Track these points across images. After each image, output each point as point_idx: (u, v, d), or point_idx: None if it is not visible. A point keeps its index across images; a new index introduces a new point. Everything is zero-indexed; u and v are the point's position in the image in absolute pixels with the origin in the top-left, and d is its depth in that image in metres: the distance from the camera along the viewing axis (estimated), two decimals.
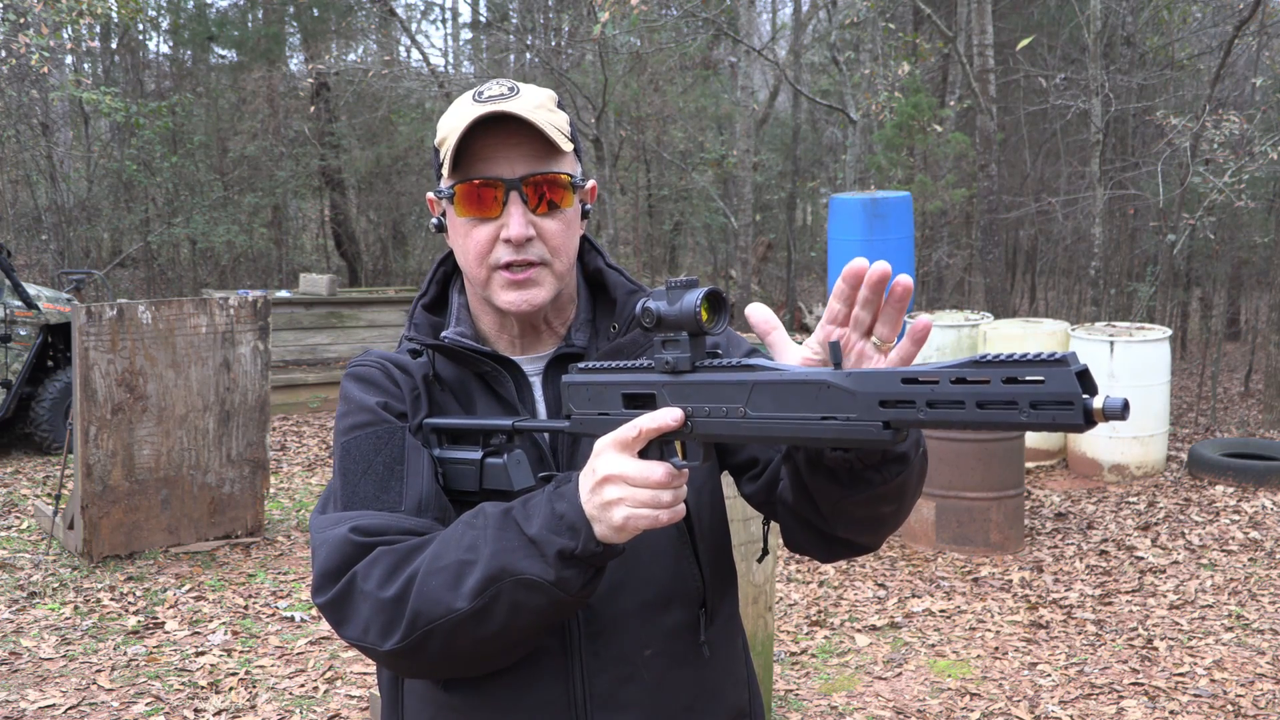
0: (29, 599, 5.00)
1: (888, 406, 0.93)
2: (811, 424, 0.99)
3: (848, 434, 0.96)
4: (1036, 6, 14.86)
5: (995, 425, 0.88)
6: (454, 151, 1.25)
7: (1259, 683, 4.22)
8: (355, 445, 1.27)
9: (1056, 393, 0.84)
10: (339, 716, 3.95)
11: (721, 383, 1.06)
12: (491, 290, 1.30)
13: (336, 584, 1.19)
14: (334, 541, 1.20)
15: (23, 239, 13.95)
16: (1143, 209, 12.01)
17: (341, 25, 15.76)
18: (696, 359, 1.09)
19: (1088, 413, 0.83)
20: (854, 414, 0.95)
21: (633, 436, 1.07)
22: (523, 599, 1.11)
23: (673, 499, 1.08)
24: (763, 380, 1.02)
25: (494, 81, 1.31)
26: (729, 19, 12.25)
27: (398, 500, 1.24)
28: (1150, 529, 6.19)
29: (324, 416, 9.59)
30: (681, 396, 1.09)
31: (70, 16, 9.51)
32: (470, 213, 1.27)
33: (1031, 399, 0.85)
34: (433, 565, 1.15)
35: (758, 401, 1.03)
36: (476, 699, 1.28)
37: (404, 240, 15.90)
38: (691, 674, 1.33)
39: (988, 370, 0.87)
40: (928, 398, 0.90)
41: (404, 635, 1.15)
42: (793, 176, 16.75)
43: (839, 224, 8.73)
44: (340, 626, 1.20)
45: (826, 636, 4.72)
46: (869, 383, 0.94)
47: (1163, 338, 7.37)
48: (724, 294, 1.11)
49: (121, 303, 5.52)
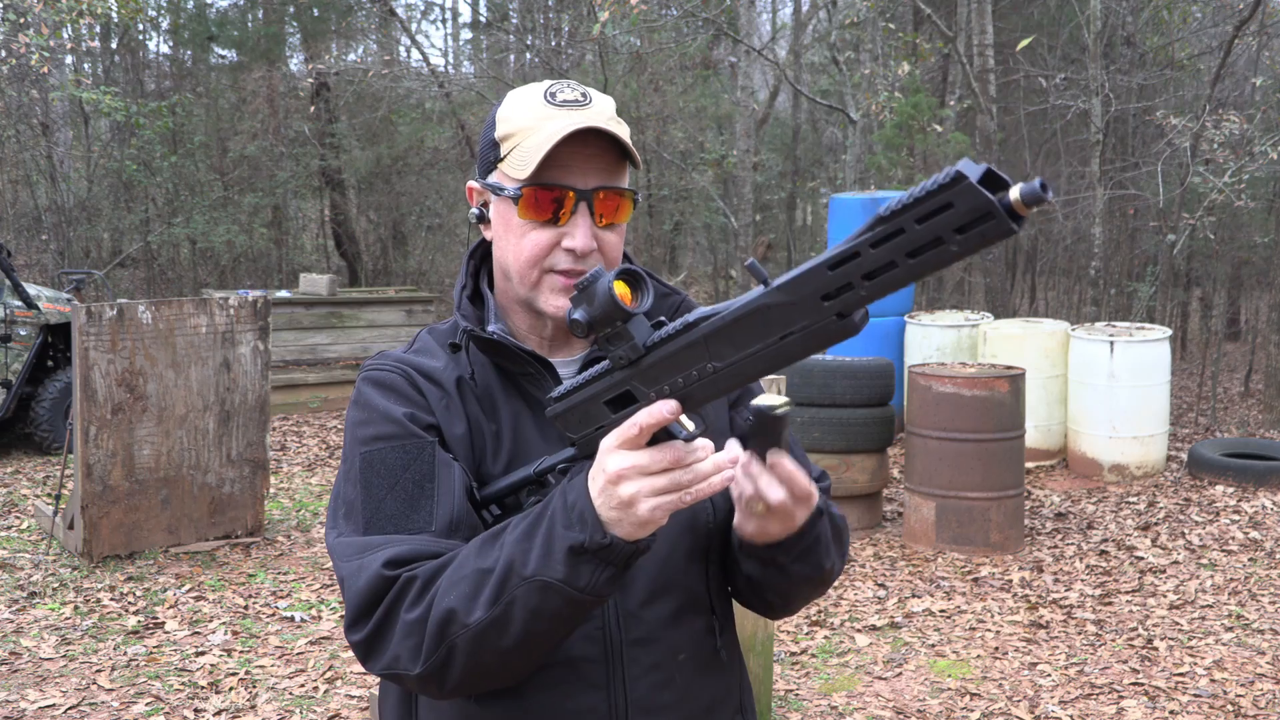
0: (29, 599, 5.00)
1: (831, 298, 0.93)
2: (774, 349, 0.98)
3: (811, 343, 0.96)
4: (1036, 6, 14.85)
5: (934, 268, 0.86)
6: (543, 157, 1.22)
7: (1259, 683, 4.22)
8: (380, 459, 1.23)
9: (972, 209, 0.82)
10: (339, 716, 3.95)
11: (678, 350, 1.04)
12: (539, 293, 1.28)
13: (370, 620, 1.16)
14: (367, 578, 1.16)
15: (23, 239, 13.94)
16: (1143, 209, 12.01)
17: (341, 25, 15.74)
18: (644, 340, 1.06)
19: (1011, 212, 0.81)
20: (806, 321, 0.95)
21: (634, 435, 1.04)
22: (538, 603, 1.08)
23: (692, 477, 1.04)
24: (711, 330, 1.01)
25: (564, 84, 1.29)
26: (729, 19, 12.25)
27: (428, 521, 1.20)
28: (1150, 529, 6.19)
29: (324, 417, 9.58)
30: (651, 381, 1.07)
31: (70, 16, 9.51)
32: (535, 216, 1.25)
33: (954, 227, 0.83)
34: (453, 578, 1.13)
35: (718, 351, 1.01)
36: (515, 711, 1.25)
37: (404, 240, 15.89)
38: (713, 677, 1.35)
39: (898, 221, 0.86)
40: (862, 272, 0.90)
41: (429, 653, 1.12)
42: (793, 176, 16.75)
43: (839, 224, 8.73)
44: (372, 661, 1.17)
45: (826, 636, 4.72)
46: (802, 286, 0.94)
47: (1163, 338, 7.37)
48: (635, 269, 1.09)
49: (121, 303, 5.52)
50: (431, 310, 10.73)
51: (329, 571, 5.47)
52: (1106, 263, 11.58)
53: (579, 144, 1.24)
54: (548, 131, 1.23)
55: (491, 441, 1.29)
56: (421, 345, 1.36)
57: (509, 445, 1.29)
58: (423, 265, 15.79)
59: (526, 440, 1.30)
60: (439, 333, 1.37)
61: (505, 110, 1.29)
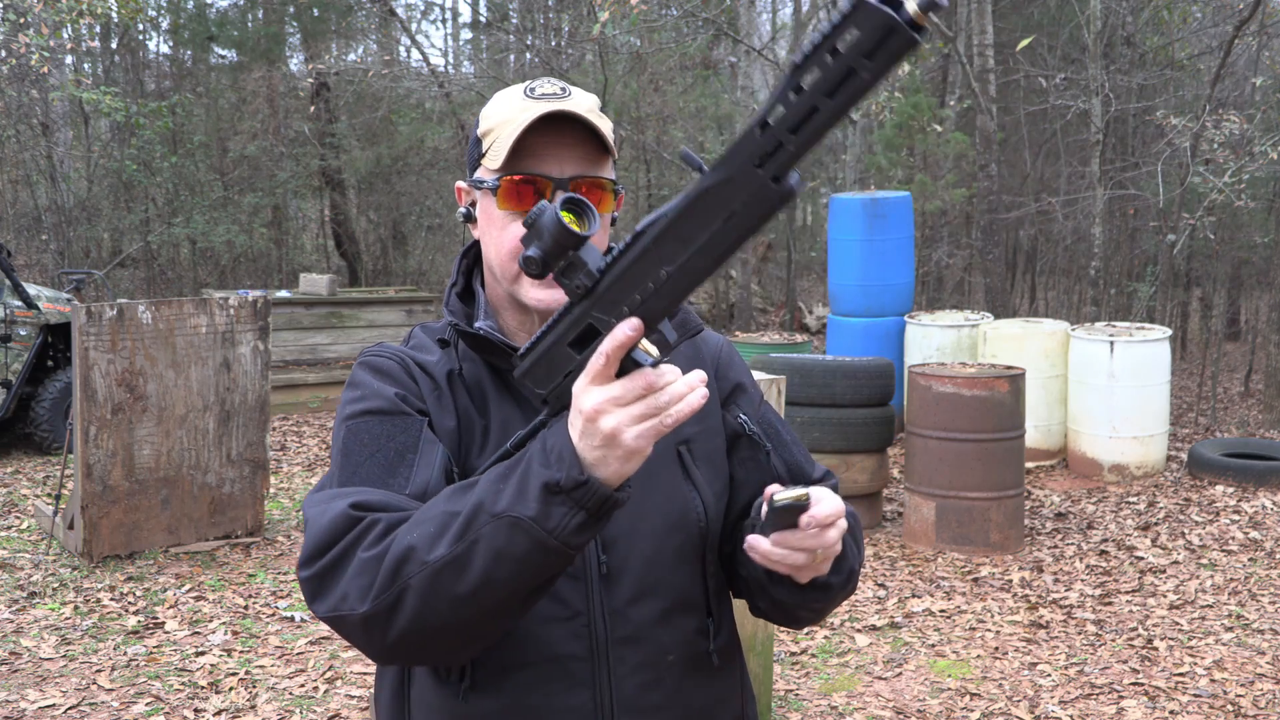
0: (29, 599, 5.00)
1: (764, 164, 0.91)
2: (721, 234, 0.96)
3: (753, 217, 0.94)
4: (1036, 6, 14.86)
5: (851, 102, 0.85)
6: (512, 145, 1.24)
7: (1259, 683, 4.22)
8: (365, 428, 1.23)
9: (874, 28, 0.82)
10: (339, 716, 3.95)
11: (631, 264, 1.02)
12: (520, 286, 1.29)
13: (325, 557, 1.13)
14: (331, 515, 1.14)
15: (23, 239, 13.95)
16: (1143, 209, 12.01)
17: (341, 25, 15.75)
18: (597, 265, 1.04)
19: (912, 24, 0.81)
20: (745, 195, 0.93)
21: (602, 365, 1.01)
22: (504, 543, 1.04)
23: (668, 398, 1.01)
24: (659, 232, 0.99)
25: (545, 80, 1.31)
26: (729, 19, 12.25)
27: (403, 486, 1.19)
28: (1150, 529, 6.19)
29: (324, 416, 9.59)
30: (610, 306, 1.04)
31: (70, 16, 9.51)
32: (512, 206, 1.27)
33: (862, 53, 0.83)
34: (418, 518, 1.11)
35: (669, 253, 0.99)
36: (503, 708, 1.25)
37: (404, 240, 15.89)
38: (705, 681, 1.35)
39: (811, 63, 0.85)
40: (787, 127, 0.88)
41: (379, 591, 1.08)
42: None
43: (839, 224, 8.73)
44: (320, 599, 1.13)
45: (826, 636, 4.72)
46: (734, 159, 0.91)
47: (1163, 338, 7.37)
48: (577, 197, 1.07)
49: (121, 303, 5.52)
50: (431, 310, 10.74)
51: None
52: (1106, 263, 11.58)
53: (554, 133, 1.25)
54: (520, 120, 1.25)
55: (480, 436, 1.29)
56: (416, 342, 1.37)
57: (496, 441, 1.29)
58: (423, 265, 15.80)
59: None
60: (431, 330, 1.39)
61: (488, 108, 1.32)
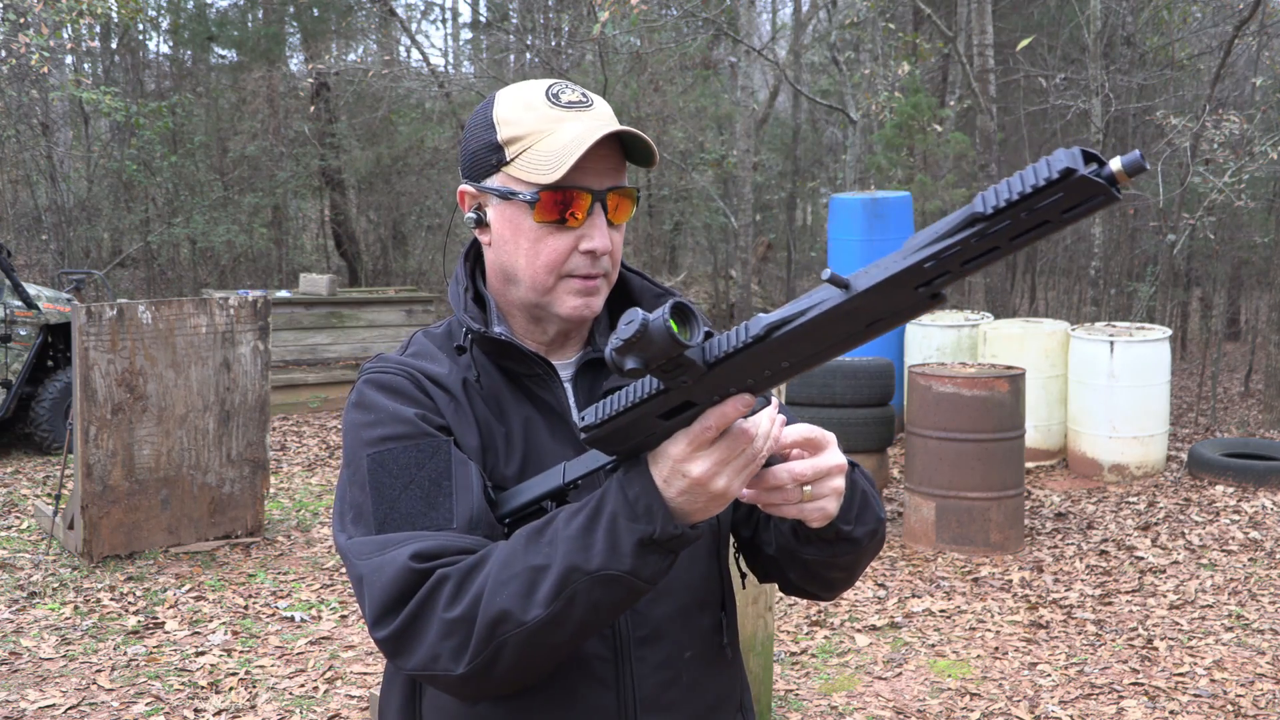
0: (29, 599, 5.00)
1: (924, 285, 0.90)
2: (859, 336, 0.96)
3: (898, 322, 0.94)
4: (1036, 6, 14.86)
5: (1032, 242, 0.86)
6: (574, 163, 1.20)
7: (1259, 683, 4.22)
8: (392, 458, 1.20)
9: (1080, 193, 0.81)
10: (339, 716, 3.95)
11: (749, 359, 0.98)
12: (555, 296, 1.27)
13: (399, 615, 1.12)
14: (393, 571, 1.13)
15: (23, 239, 13.95)
16: (1143, 209, 12.01)
17: (341, 25, 15.75)
18: (703, 359, 0.99)
19: (1113, 181, 0.81)
20: (896, 306, 0.92)
21: (709, 438, 1.04)
22: (600, 596, 1.08)
23: (763, 441, 1.07)
24: (788, 335, 0.95)
25: (563, 85, 1.28)
26: (729, 19, 12.25)
27: (448, 519, 1.17)
28: (1150, 529, 6.19)
29: (324, 416, 9.58)
30: (712, 390, 1.02)
31: (70, 16, 9.51)
32: (553, 219, 1.24)
33: (1061, 210, 0.83)
34: (501, 576, 1.10)
35: (795, 350, 0.97)
36: (526, 710, 1.24)
37: (404, 240, 15.90)
38: (718, 674, 1.36)
39: (1005, 215, 0.84)
40: (961, 261, 0.87)
41: (475, 653, 1.10)
42: (793, 176, 16.75)
43: (839, 224, 8.73)
44: (404, 657, 1.14)
45: (826, 636, 4.72)
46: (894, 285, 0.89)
47: (1163, 338, 7.37)
48: (683, 303, 0.99)
49: (121, 303, 5.52)
50: (431, 310, 10.73)
51: (329, 571, 5.47)
52: (1106, 263, 11.58)
53: (594, 145, 1.23)
54: (570, 134, 1.22)
55: (503, 444, 1.28)
56: (419, 349, 1.32)
57: (521, 448, 1.28)
58: (423, 265, 15.80)
59: (539, 443, 1.29)
60: (435, 335, 1.35)
61: (505, 112, 1.26)
